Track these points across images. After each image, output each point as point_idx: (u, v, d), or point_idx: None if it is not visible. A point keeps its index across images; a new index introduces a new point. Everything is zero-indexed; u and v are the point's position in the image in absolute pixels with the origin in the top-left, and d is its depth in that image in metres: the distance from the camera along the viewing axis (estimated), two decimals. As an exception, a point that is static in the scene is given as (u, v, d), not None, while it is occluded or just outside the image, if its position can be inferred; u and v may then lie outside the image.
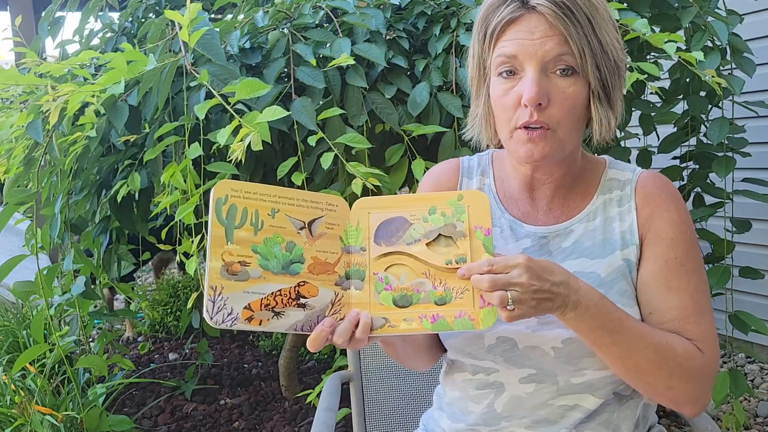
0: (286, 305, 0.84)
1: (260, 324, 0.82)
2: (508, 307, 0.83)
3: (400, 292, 0.88)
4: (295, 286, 0.85)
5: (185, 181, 1.60)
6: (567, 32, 0.89)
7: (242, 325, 0.81)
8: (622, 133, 2.04)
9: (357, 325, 0.86)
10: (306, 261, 0.86)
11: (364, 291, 0.88)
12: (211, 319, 0.79)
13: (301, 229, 0.88)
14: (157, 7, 2.40)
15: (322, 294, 0.86)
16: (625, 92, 0.98)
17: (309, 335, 0.85)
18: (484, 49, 0.96)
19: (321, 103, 1.72)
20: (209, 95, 1.50)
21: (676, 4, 1.90)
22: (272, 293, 0.83)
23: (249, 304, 0.82)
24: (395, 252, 0.90)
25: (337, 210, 0.91)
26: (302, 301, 0.85)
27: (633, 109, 1.93)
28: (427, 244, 0.89)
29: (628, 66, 0.98)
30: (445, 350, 1.07)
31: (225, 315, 0.80)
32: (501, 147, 1.03)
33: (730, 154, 1.98)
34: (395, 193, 1.74)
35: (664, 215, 0.97)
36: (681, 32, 1.86)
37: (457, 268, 0.87)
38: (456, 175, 1.10)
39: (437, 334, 1.06)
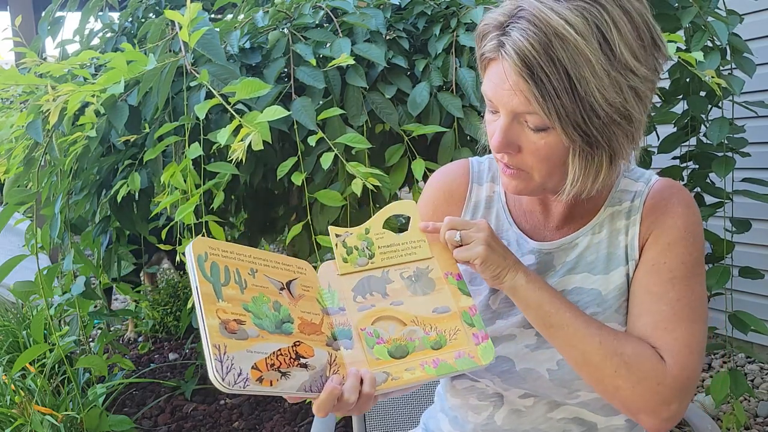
0: (289, 365, 0.78)
1: (271, 385, 0.76)
2: (455, 239, 0.89)
3: (393, 343, 0.85)
4: (292, 346, 0.79)
5: (185, 181, 1.60)
6: (529, 92, 0.79)
7: (254, 386, 0.74)
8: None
9: (362, 382, 0.81)
10: (295, 321, 0.82)
11: (355, 349, 0.84)
12: (223, 380, 0.72)
13: (281, 289, 0.84)
14: (157, 7, 2.40)
15: (318, 354, 0.81)
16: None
17: (317, 396, 0.79)
18: (481, 69, 0.90)
19: (321, 103, 1.72)
20: (209, 95, 1.50)
21: (676, 4, 1.90)
22: (273, 353, 0.77)
23: (255, 363, 0.75)
24: (377, 307, 0.88)
25: (307, 273, 0.88)
26: (303, 361, 0.79)
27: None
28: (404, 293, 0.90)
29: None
30: None
31: (236, 376, 0.73)
32: None
33: (730, 154, 1.98)
34: (395, 193, 1.74)
35: (667, 221, 0.92)
36: (681, 32, 1.86)
37: (444, 314, 0.89)
38: (466, 181, 1.05)
39: None
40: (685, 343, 0.87)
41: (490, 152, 1.06)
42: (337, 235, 0.90)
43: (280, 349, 0.78)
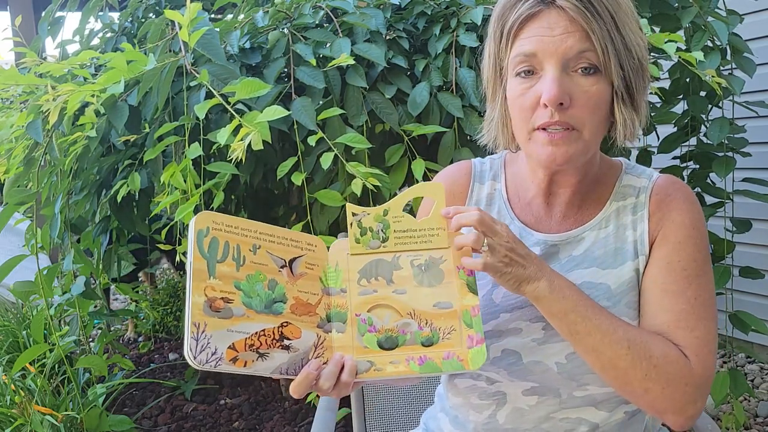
0: (270, 346, 0.78)
1: (245, 365, 0.76)
2: (482, 249, 0.85)
3: (384, 333, 0.85)
4: (278, 327, 0.80)
5: (185, 181, 1.60)
6: (589, 27, 0.84)
7: (226, 366, 0.75)
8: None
9: (342, 369, 0.82)
10: (288, 301, 0.82)
11: (346, 334, 0.84)
12: (195, 358, 0.73)
13: (282, 267, 0.83)
14: (157, 7, 2.40)
15: (305, 336, 0.81)
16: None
17: (293, 379, 0.80)
18: (500, 48, 0.91)
19: (321, 103, 1.72)
20: (209, 95, 1.50)
21: (676, 4, 1.90)
22: (256, 333, 0.78)
23: (233, 343, 0.76)
24: (378, 293, 0.87)
25: (316, 250, 0.87)
26: (286, 342, 0.79)
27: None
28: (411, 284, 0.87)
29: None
30: None
31: (209, 354, 0.74)
32: (519, 150, 0.99)
33: (730, 154, 1.98)
34: (396, 193, 1.74)
35: (675, 218, 0.93)
36: (681, 32, 1.86)
37: (445, 310, 0.86)
38: (468, 181, 1.06)
39: None
40: (705, 342, 0.88)
41: (491, 153, 1.07)
42: (354, 214, 0.88)
43: (264, 330, 0.79)
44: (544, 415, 0.97)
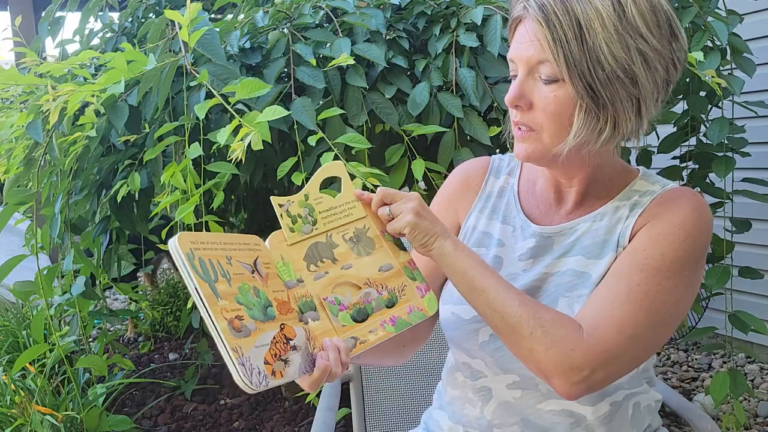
0: (285, 351, 0.79)
1: (281, 376, 0.77)
2: (386, 214, 0.94)
3: (354, 308, 0.89)
4: (280, 331, 0.80)
5: (185, 181, 1.60)
6: (545, 39, 0.86)
7: (272, 381, 0.75)
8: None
9: (339, 352, 0.84)
10: (273, 303, 0.82)
11: (322, 320, 0.86)
12: (251, 383, 0.72)
13: (253, 272, 0.83)
14: (157, 7, 2.40)
15: (298, 333, 0.82)
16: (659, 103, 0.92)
17: (309, 375, 0.81)
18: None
19: (321, 103, 1.72)
20: (209, 95, 1.50)
21: (676, 4, 1.91)
22: (271, 342, 0.78)
23: (264, 357, 0.76)
24: (330, 274, 0.90)
25: (262, 249, 0.87)
26: (292, 343, 0.80)
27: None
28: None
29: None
30: (420, 343, 1.11)
31: (258, 375, 0.74)
32: None
33: (729, 154, 1.98)
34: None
35: (665, 215, 0.93)
36: (681, 32, 1.86)
37: (389, 271, 0.93)
38: (483, 174, 1.12)
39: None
40: (617, 323, 0.88)
41: (492, 153, 1.08)
42: (280, 205, 0.91)
43: (274, 336, 0.79)
44: (529, 408, 0.98)
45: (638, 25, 0.86)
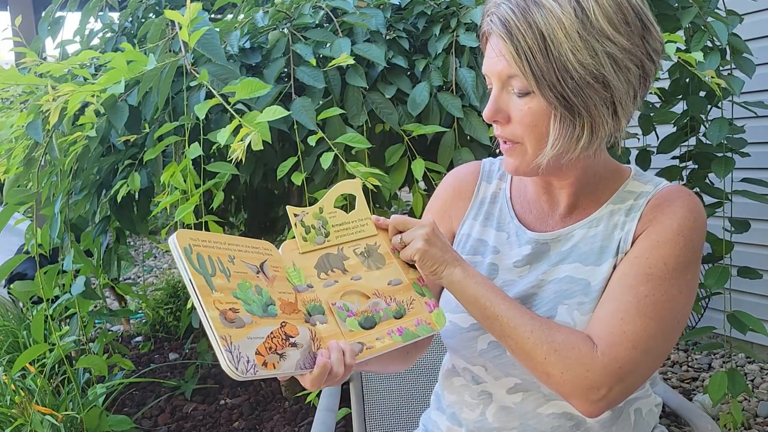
0: (283, 346, 0.81)
1: (274, 368, 0.79)
2: (397, 242, 0.96)
3: (362, 315, 0.90)
4: (280, 327, 0.82)
5: (185, 181, 1.60)
6: (509, 53, 0.86)
7: (262, 371, 0.77)
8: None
9: (344, 354, 0.85)
10: (276, 302, 0.84)
11: (330, 323, 0.88)
12: (237, 369, 0.75)
13: (257, 273, 0.86)
14: (157, 7, 2.40)
15: (302, 332, 0.84)
16: (635, 104, 0.91)
17: (310, 373, 0.82)
18: None
19: (321, 103, 1.72)
20: (209, 95, 1.50)
21: (676, 4, 1.91)
22: (268, 336, 0.80)
23: (257, 349, 0.78)
24: (340, 282, 0.92)
25: (273, 254, 0.90)
26: (292, 340, 0.82)
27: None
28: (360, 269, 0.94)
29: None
30: (420, 352, 1.11)
31: (245, 364, 0.76)
32: None
33: (729, 154, 1.98)
34: (395, 193, 1.75)
35: (664, 220, 0.92)
36: (681, 32, 1.86)
37: (398, 285, 0.95)
38: (475, 179, 1.11)
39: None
40: (631, 338, 0.88)
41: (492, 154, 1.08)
42: (295, 215, 0.94)
43: (272, 332, 0.81)
44: (530, 411, 0.98)
45: (603, 27, 0.85)
